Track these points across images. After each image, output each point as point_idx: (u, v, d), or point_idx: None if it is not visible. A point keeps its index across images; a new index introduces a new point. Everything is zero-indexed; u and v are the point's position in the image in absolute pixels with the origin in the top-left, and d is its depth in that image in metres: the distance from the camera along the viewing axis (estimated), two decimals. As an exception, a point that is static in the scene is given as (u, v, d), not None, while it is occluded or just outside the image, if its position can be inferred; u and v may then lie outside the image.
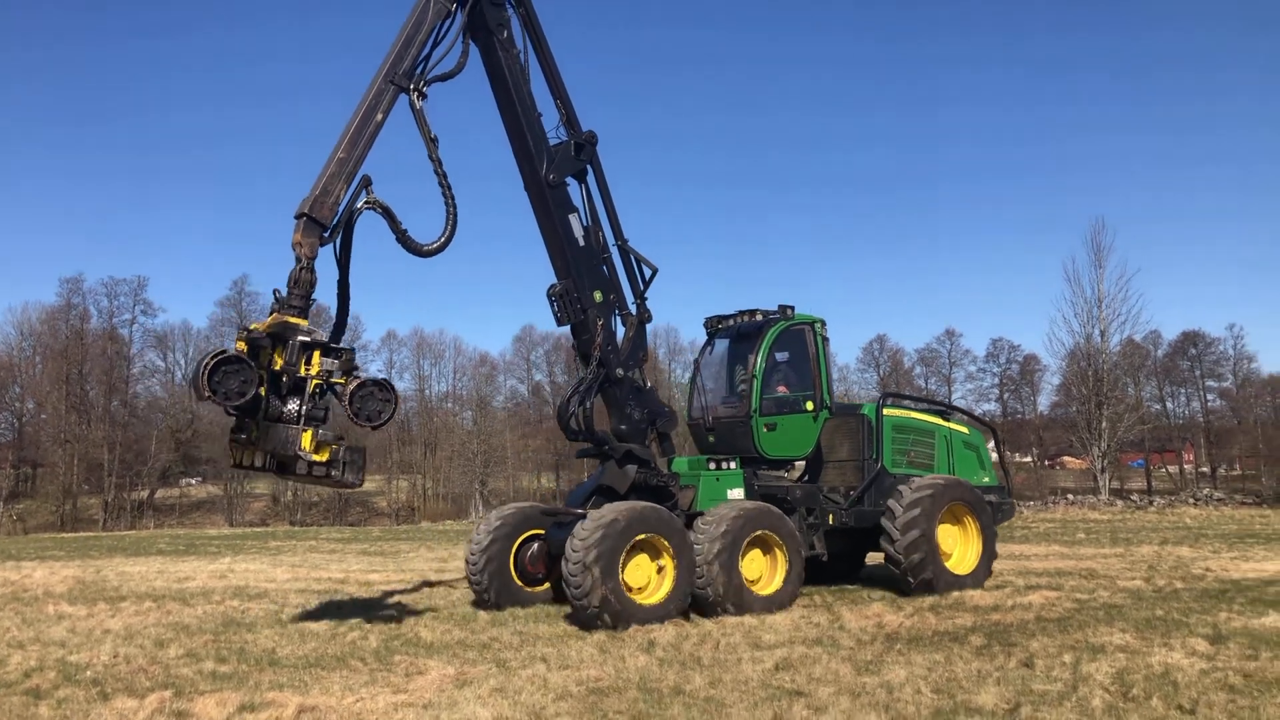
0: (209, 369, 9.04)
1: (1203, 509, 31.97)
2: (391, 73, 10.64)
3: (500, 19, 11.84)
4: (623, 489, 12.00)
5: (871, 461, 13.48)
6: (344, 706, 7.29)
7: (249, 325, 9.94)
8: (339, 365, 9.81)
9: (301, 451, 9.40)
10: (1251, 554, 17.75)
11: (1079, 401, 42.86)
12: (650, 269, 13.05)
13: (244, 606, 13.11)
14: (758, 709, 7.08)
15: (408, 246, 10.75)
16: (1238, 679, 7.65)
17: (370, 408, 9.95)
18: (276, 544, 29.48)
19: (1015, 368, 79.29)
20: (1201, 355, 74.85)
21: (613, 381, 12.41)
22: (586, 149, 12.55)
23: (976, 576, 13.24)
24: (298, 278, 9.84)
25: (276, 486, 67.88)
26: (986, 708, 7.02)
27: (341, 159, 10.16)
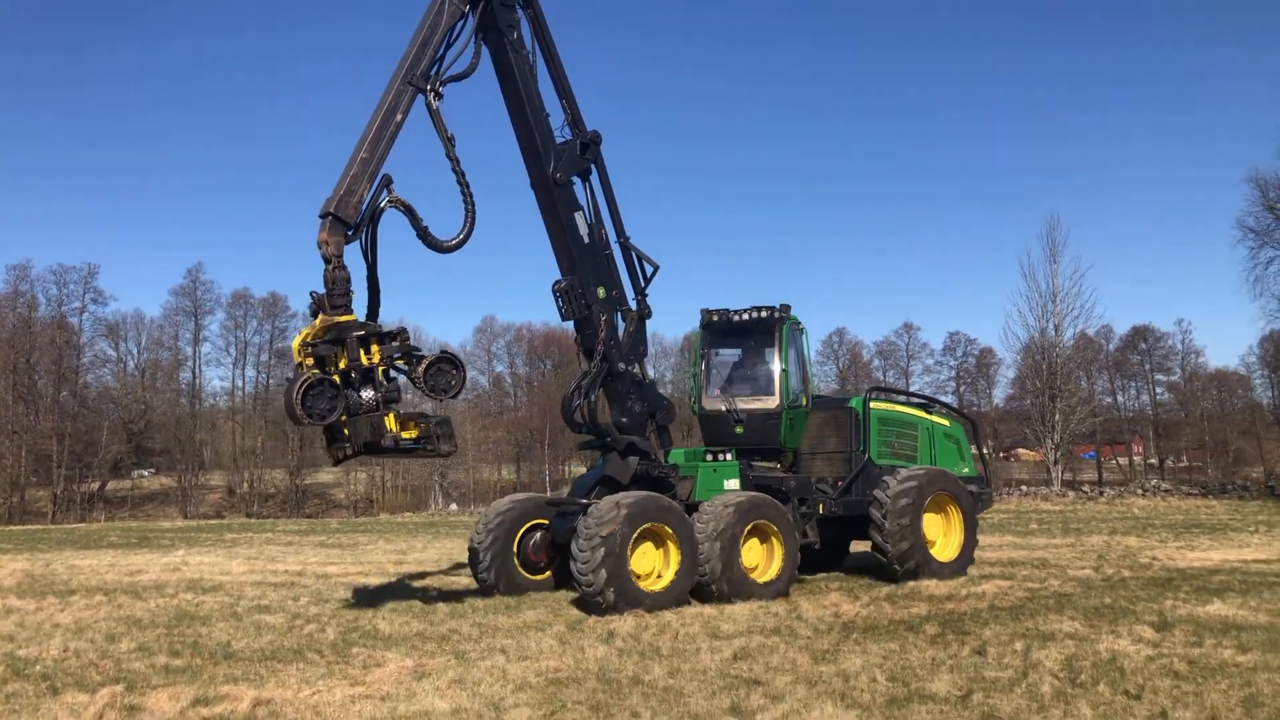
0: (301, 397, 9.66)
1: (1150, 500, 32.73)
2: (410, 74, 10.92)
3: (511, 20, 12.07)
4: (625, 480, 12.27)
5: (859, 453, 13.86)
6: (300, 699, 7.23)
7: (304, 334, 10.33)
8: (397, 347, 10.39)
9: (390, 432, 10.08)
10: (1197, 543, 18.22)
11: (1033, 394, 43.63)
12: (652, 266, 13.37)
13: (198, 600, 12.94)
14: (715, 698, 7.14)
15: (429, 243, 11.03)
16: (1182, 665, 7.86)
17: (442, 381, 10.60)
18: (232, 536, 29.10)
19: (972, 361, 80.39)
20: (1151, 349, 76.44)
21: (615, 375, 12.68)
22: (591, 148, 12.81)
23: (959, 563, 13.66)
24: (332, 277, 10.21)
25: (232, 478, 66.99)
26: (940, 694, 7.14)
27: (364, 159, 10.46)
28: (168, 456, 67.31)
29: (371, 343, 10.18)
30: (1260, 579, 12.84)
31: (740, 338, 14.33)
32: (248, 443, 67.77)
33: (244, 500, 64.13)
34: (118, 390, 68.80)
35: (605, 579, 10.61)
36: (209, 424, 71.26)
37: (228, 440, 70.29)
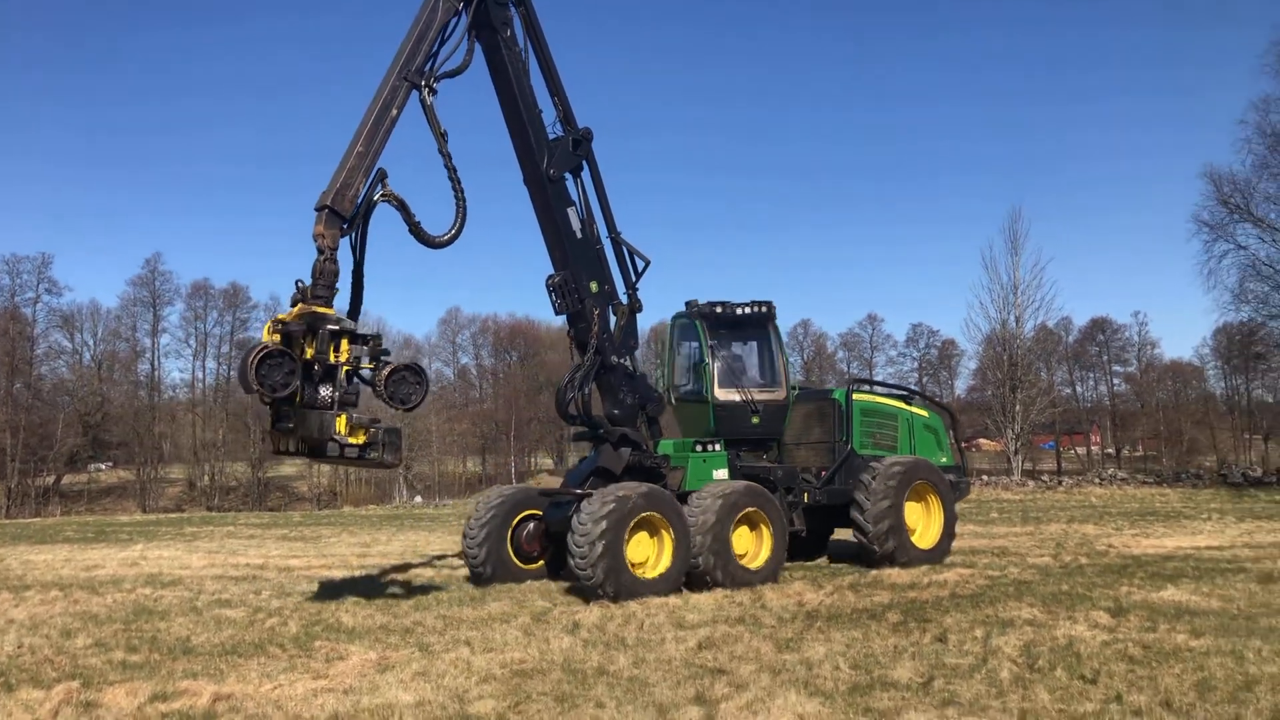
0: (256, 363, 9.44)
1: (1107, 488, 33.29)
2: (405, 70, 10.94)
3: (504, 17, 12.12)
4: (618, 470, 12.50)
5: (842, 443, 14.19)
6: (261, 694, 7.15)
7: (279, 316, 10.18)
8: (367, 351, 10.31)
9: (337, 435, 9.81)
10: (1152, 531, 18.57)
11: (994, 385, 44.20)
12: (643, 261, 13.52)
13: (157, 594, 12.74)
14: (680, 687, 7.17)
15: (420, 238, 11.01)
16: (1137, 650, 8.02)
17: (403, 391, 10.49)
18: (192, 530, 28.68)
19: (934, 352, 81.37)
20: (1109, 341, 77.80)
21: (607, 368, 12.85)
22: (583, 145, 12.93)
23: (939, 550, 14.00)
24: (321, 268, 10.11)
25: (192, 471, 66.05)
26: (902, 681, 7.23)
27: (360, 153, 10.48)
28: (125, 450, 66.15)
29: (343, 340, 10.08)
30: (1213, 565, 13.13)
31: (738, 330, 14.52)
32: (209, 435, 66.90)
33: (205, 494, 63.29)
34: (73, 382, 67.47)
35: (602, 568, 10.81)
36: (168, 416, 70.20)
37: (188, 433, 69.34)
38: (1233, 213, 35.41)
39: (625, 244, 13.44)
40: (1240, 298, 35.80)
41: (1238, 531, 18.05)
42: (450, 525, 27.27)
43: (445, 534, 23.56)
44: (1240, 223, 35.39)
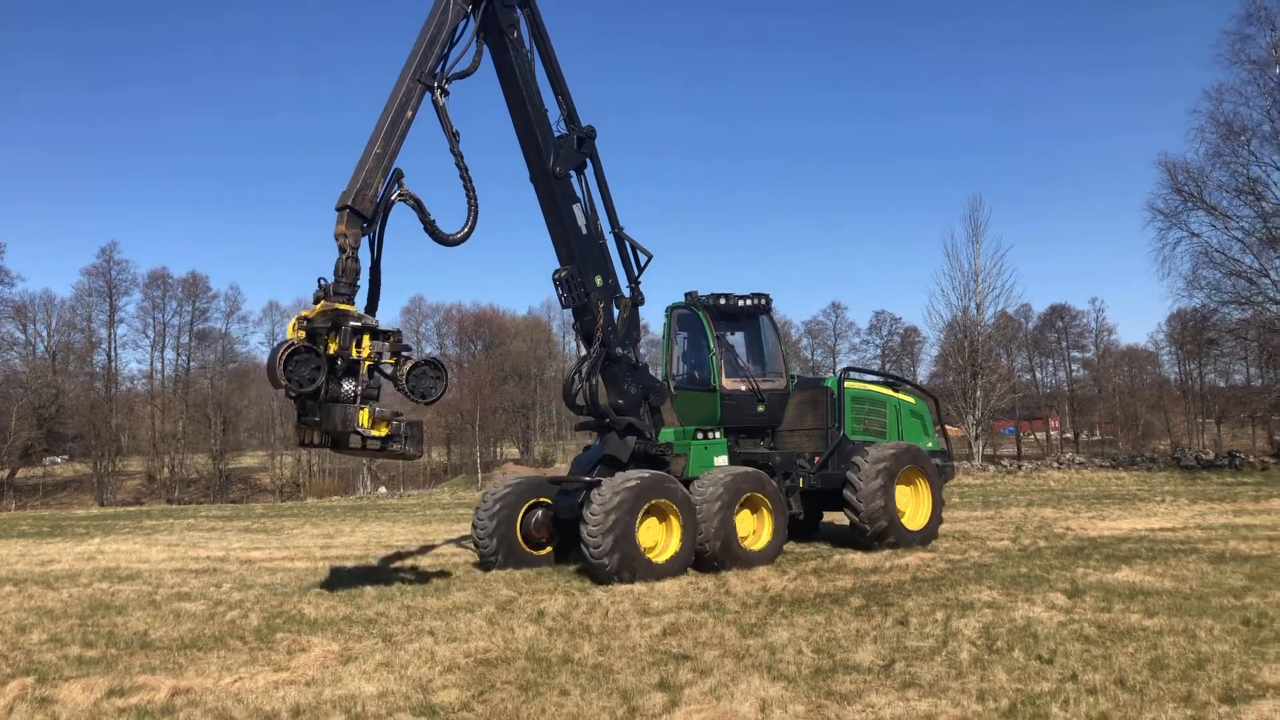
0: (284, 359, 9.73)
1: (1065, 472, 33.82)
2: (418, 72, 11.18)
3: (511, 19, 12.34)
4: (625, 458, 12.93)
5: (835, 430, 14.56)
6: (221, 687, 7.08)
7: (304, 313, 10.40)
8: (388, 347, 10.55)
9: (360, 428, 10.08)
10: (1107, 513, 18.91)
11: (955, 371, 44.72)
12: (645, 255, 13.80)
13: (114, 588, 12.54)
14: (644, 674, 7.19)
15: (435, 237, 11.27)
16: (1092, 630, 8.18)
17: (424, 385, 10.75)
18: (151, 523, 28.24)
19: (896, 339, 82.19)
20: (1067, 327, 79.08)
21: (612, 359, 13.16)
22: (587, 142, 13.19)
23: (928, 531, 14.46)
24: (344, 267, 10.35)
25: (151, 464, 65.04)
26: (864, 664, 7.31)
27: (378, 154, 10.71)
28: (82, 442, 64.95)
29: (364, 336, 10.30)
30: (1166, 546, 13.40)
31: (737, 321, 14.85)
32: (168, 427, 65.86)
33: (164, 486, 62.38)
34: (26, 374, 66.05)
35: (615, 553, 11.17)
36: (126, 408, 69.06)
37: (146, 425, 68.23)
38: (1186, 201, 36.04)
39: (628, 239, 13.73)
40: (1193, 284, 36.45)
41: (1190, 513, 18.44)
42: (414, 516, 27.11)
43: (409, 525, 23.42)
44: (1193, 210, 36.06)
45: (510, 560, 12.77)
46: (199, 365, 71.67)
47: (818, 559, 13.09)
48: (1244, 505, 19.62)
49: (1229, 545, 13.26)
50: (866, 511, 13.65)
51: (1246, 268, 35.23)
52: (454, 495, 42.28)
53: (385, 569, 13.85)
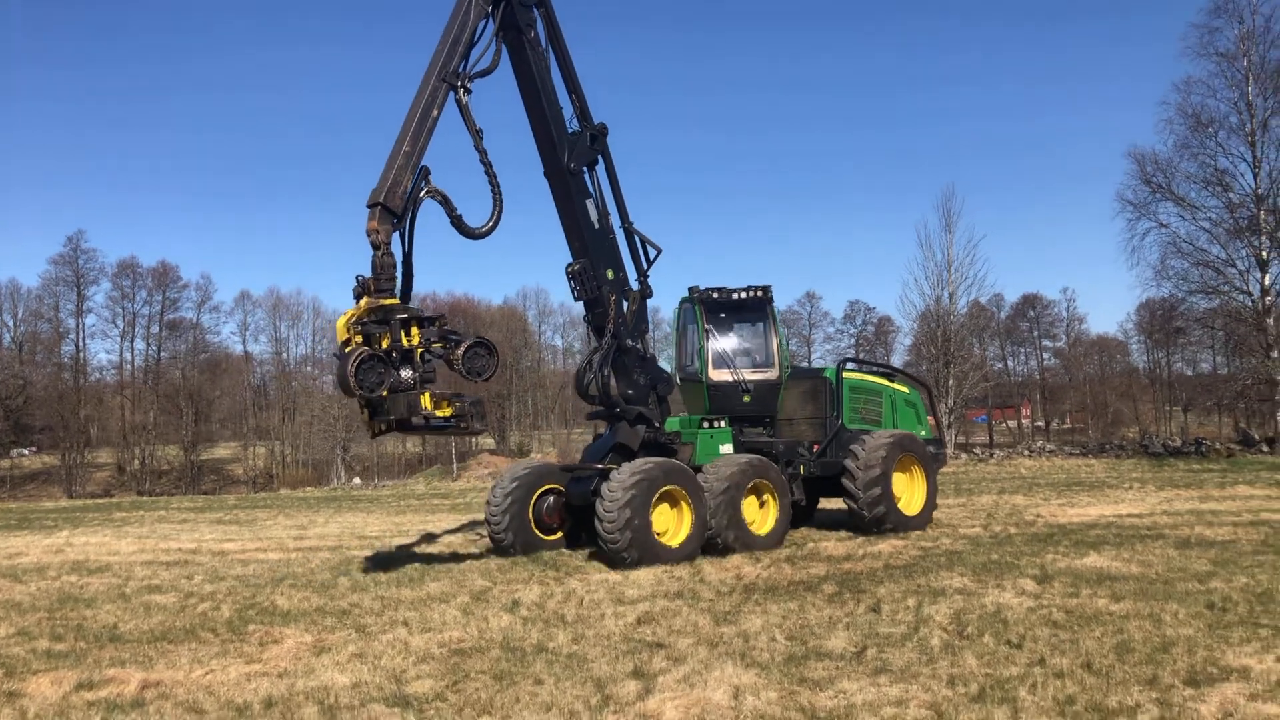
0: (355, 370, 10.20)
1: (1037, 460, 34.22)
2: (443, 71, 11.53)
3: (529, 19, 12.68)
4: (635, 446, 13.28)
5: (833, 419, 14.95)
6: (192, 680, 7.03)
7: (350, 314, 10.78)
8: (435, 332, 11.04)
9: (425, 411, 10.70)
10: (1077, 500, 19.15)
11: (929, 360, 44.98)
12: (655, 249, 14.18)
13: (83, 581, 12.42)
14: (618, 662, 7.22)
15: (462, 230, 11.66)
16: (1060, 615, 8.30)
17: (478, 365, 11.27)
18: (121, 515, 27.95)
19: (871, 328, 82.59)
20: (1039, 317, 79.83)
21: (622, 351, 13.53)
22: (599, 139, 13.56)
23: (923, 516, 14.89)
24: (380, 263, 10.73)
25: (121, 455, 64.28)
26: (836, 651, 7.38)
27: (406, 152, 11.03)
28: (50, 434, 64.02)
29: (412, 325, 10.77)
30: (1133, 532, 13.60)
31: (736, 313, 15.18)
32: (138, 418, 65.06)
33: (135, 478, 61.68)
34: (-8, 365, 65.06)
35: (630, 537, 11.50)
36: (95, 399, 68.09)
37: (116, 416, 67.34)
38: (1155, 191, 36.45)
39: (638, 233, 14.07)
40: (1162, 274, 36.90)
41: (1157, 500, 18.71)
42: (389, 506, 27.01)
43: (384, 515, 23.33)
44: (1162, 201, 36.45)
45: (522, 544, 13.03)
46: (170, 356, 70.81)
47: (791, 546, 13.18)
48: (1209, 491, 19.94)
49: (1194, 531, 13.47)
50: (865, 498, 13.96)
51: (1213, 258, 35.76)
52: (429, 486, 42.12)
53: (359, 559, 13.78)
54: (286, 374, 75.61)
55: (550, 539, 13.46)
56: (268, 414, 72.09)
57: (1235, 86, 34.74)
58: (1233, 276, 35.37)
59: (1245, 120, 34.46)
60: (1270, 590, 9.05)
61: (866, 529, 14.10)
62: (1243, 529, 13.57)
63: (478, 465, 54.48)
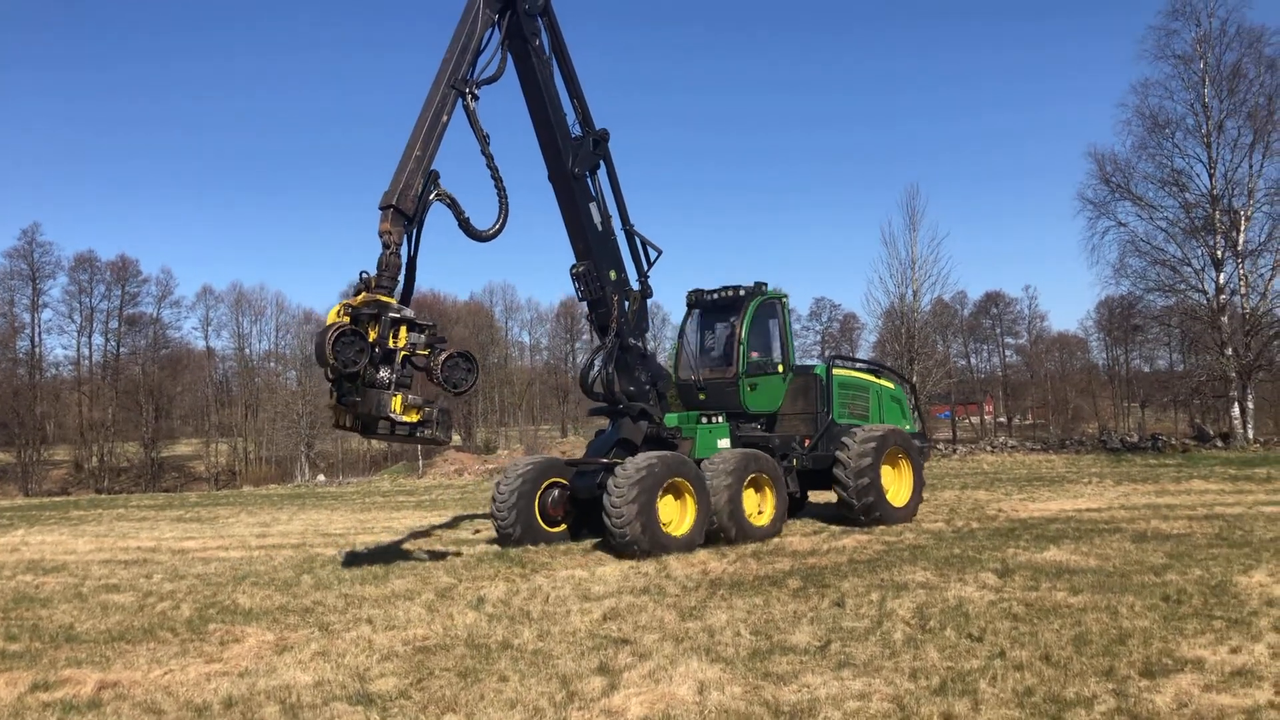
0: (334, 340, 10.22)
1: (998, 456, 34.62)
2: (452, 78, 11.82)
3: (533, 28, 13.03)
4: (638, 441, 13.74)
5: (824, 414, 15.45)
6: (150, 680, 6.93)
7: (346, 301, 10.87)
8: (423, 339, 11.14)
9: (391, 414, 10.69)
10: (1038, 495, 19.41)
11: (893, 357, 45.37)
12: (655, 251, 14.64)
13: (38, 581, 12.19)
14: (584, 658, 7.21)
15: (469, 232, 11.92)
16: (1021, 608, 8.42)
17: (456, 376, 11.35)
18: (79, 514, 27.45)
19: (836, 325, 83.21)
20: (1001, 314, 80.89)
21: (625, 349, 13.93)
22: (601, 144, 13.90)
23: (910, 508, 15.37)
24: (386, 261, 10.91)
25: (79, 452, 63.12)
26: (800, 645, 7.43)
27: (418, 156, 11.30)
28: (5, 431, 62.64)
29: (402, 327, 10.91)
30: (1092, 526, 13.82)
31: (716, 313, 15.69)
32: (97, 414, 63.92)
33: (93, 475, 60.57)
34: (-56, 361, 63.60)
35: (638, 527, 11.88)
36: (52, 395, 66.79)
37: (73, 412, 66.10)
38: (1114, 191, 36.97)
39: (638, 235, 14.50)
40: (1120, 272, 37.44)
41: (1115, 494, 19.02)
42: (354, 504, 26.76)
43: (349, 512, 23.11)
44: (1121, 200, 36.98)
45: (527, 535, 13.32)
46: (129, 351, 69.64)
47: (756, 542, 13.23)
48: (1165, 486, 20.30)
49: (1150, 525, 13.73)
50: (855, 488, 14.42)
51: (1170, 256, 36.36)
52: (394, 483, 41.78)
53: (323, 556, 13.65)
54: (250, 369, 74.69)
55: (554, 531, 13.76)
56: (230, 410, 71.16)
57: (1192, 89, 35.37)
58: (1188, 275, 36.05)
59: (1201, 122, 35.10)
60: (1224, 582, 9.24)
61: (855, 519, 14.59)
62: (1197, 523, 13.85)
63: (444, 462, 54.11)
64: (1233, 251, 34.62)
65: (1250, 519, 14.10)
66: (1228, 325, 34.36)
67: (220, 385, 75.35)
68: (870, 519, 14.50)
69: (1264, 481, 20.38)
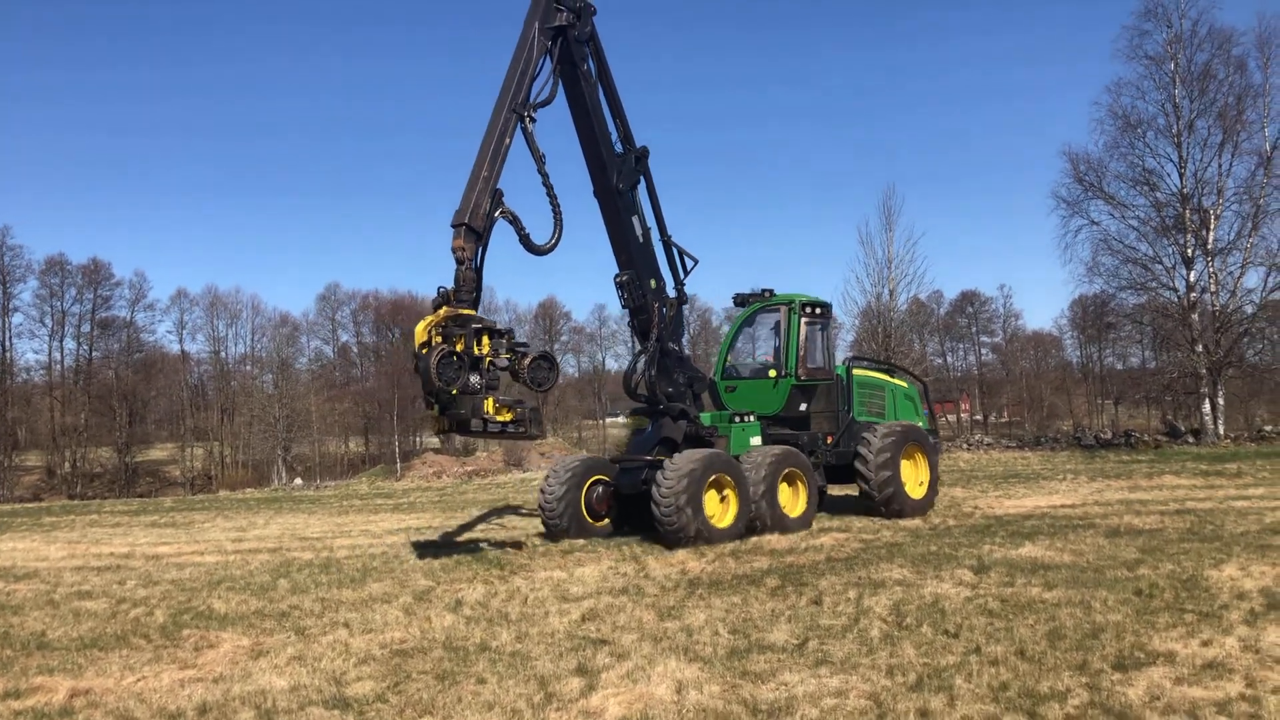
0: (437, 363, 11.02)
1: (975, 453, 34.88)
2: (512, 103, 12.55)
3: (582, 54, 13.84)
4: (679, 439, 14.56)
5: (845, 412, 16.23)
6: (123, 687, 6.85)
7: (430, 319, 11.55)
8: (504, 344, 11.97)
9: (485, 414, 11.59)
10: (1013, 492, 19.59)
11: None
12: (692, 260, 15.51)
13: (9, 588, 12.02)
14: (562, 659, 7.21)
15: (529, 247, 12.63)
16: (996, 604, 8.49)
17: (539, 375, 12.30)
18: (51, 520, 27.09)
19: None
20: (977, 313, 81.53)
21: (665, 353, 14.78)
22: (643, 161, 14.74)
23: (928, 500, 16.08)
24: (464, 277, 11.62)
25: (51, 458, 62.29)
26: (778, 644, 7.45)
27: (485, 176, 12.00)
28: (-28, 437, 61.82)
29: (484, 336, 11.68)
30: (1066, 523, 13.96)
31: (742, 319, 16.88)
32: (69, 419, 63.11)
33: (65, 481, 59.76)
34: (-90, 367, 62.56)
35: (687, 519, 12.57)
36: (22, 400, 65.81)
37: (45, 418, 65.19)
38: (1087, 190, 37.25)
39: (675, 245, 15.33)
40: (1093, 271, 37.71)
41: (1089, 490, 19.21)
42: (331, 507, 26.58)
43: (326, 516, 22.96)
44: (1094, 199, 37.27)
45: (575, 529, 14.02)
46: (102, 355, 68.82)
47: (735, 541, 13.25)
48: (1138, 482, 20.53)
49: (1124, 520, 13.87)
50: (876, 481, 15.13)
51: (1142, 255, 36.71)
52: (372, 485, 41.53)
53: (299, 560, 13.55)
54: (225, 373, 74.03)
55: (599, 525, 14.47)
56: (206, 414, 70.46)
57: (1163, 89, 35.73)
58: (1159, 273, 36.41)
59: (1172, 122, 35.47)
60: (1195, 577, 9.36)
61: (876, 510, 15.31)
62: (1169, 518, 14.01)
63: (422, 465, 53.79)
64: (1203, 250, 35.03)
65: (1221, 514, 14.29)
66: (1198, 323, 34.76)
67: (195, 389, 74.65)
68: (891, 511, 15.18)
69: (1234, 476, 20.65)
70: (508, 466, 42.62)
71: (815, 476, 14.84)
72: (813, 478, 14.67)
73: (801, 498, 14.46)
